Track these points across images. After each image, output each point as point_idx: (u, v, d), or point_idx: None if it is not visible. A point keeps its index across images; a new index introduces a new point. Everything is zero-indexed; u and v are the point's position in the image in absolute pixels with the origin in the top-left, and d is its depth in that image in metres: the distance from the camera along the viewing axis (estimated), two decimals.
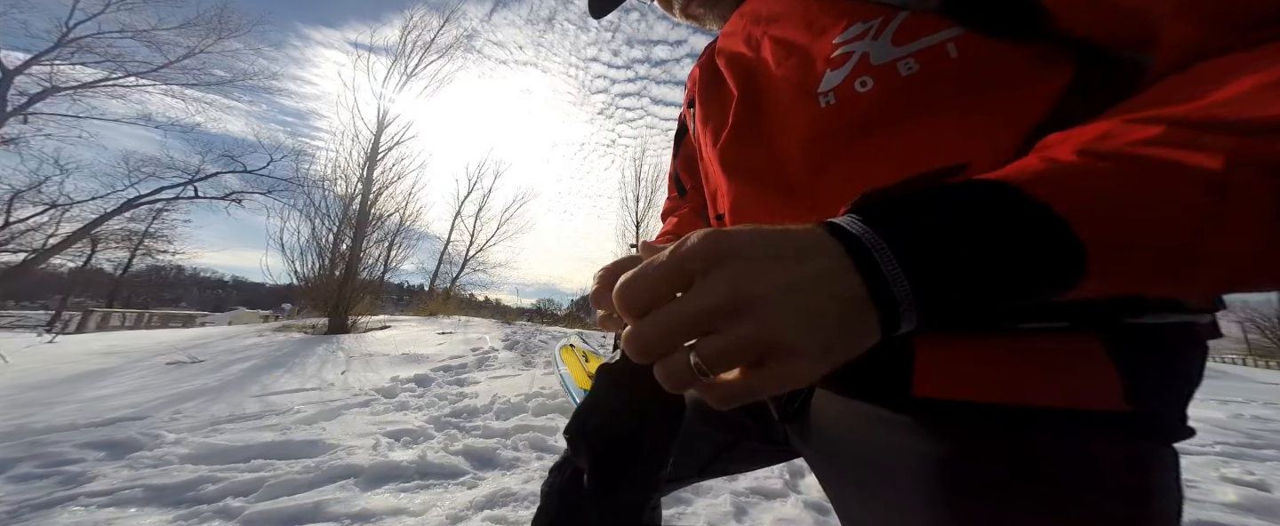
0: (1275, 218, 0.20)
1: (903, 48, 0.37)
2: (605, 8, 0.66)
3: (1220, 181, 0.20)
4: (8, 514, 1.44)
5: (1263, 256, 0.21)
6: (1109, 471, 0.31)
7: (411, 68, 9.92)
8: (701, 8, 0.57)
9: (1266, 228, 0.20)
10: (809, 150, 0.43)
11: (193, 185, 16.85)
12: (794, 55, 0.45)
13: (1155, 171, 0.22)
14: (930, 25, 0.36)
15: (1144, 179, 0.22)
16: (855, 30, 0.40)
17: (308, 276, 7.10)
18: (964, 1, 0.35)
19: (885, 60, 0.37)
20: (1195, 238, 0.21)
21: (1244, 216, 0.20)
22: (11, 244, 14.00)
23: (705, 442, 0.68)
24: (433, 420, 2.53)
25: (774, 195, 0.47)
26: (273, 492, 1.64)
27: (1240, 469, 2.40)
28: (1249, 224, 0.20)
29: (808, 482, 1.98)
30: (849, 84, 0.39)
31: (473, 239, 18.56)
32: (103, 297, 25.52)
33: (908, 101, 0.37)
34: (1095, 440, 0.32)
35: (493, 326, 6.74)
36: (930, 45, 0.36)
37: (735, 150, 0.51)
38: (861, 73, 0.39)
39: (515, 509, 1.65)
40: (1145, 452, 0.32)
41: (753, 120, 0.50)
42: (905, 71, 0.37)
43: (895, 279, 0.22)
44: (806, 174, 0.43)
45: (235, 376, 3.42)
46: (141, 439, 2.03)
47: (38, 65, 13.47)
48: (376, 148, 8.40)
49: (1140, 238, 0.21)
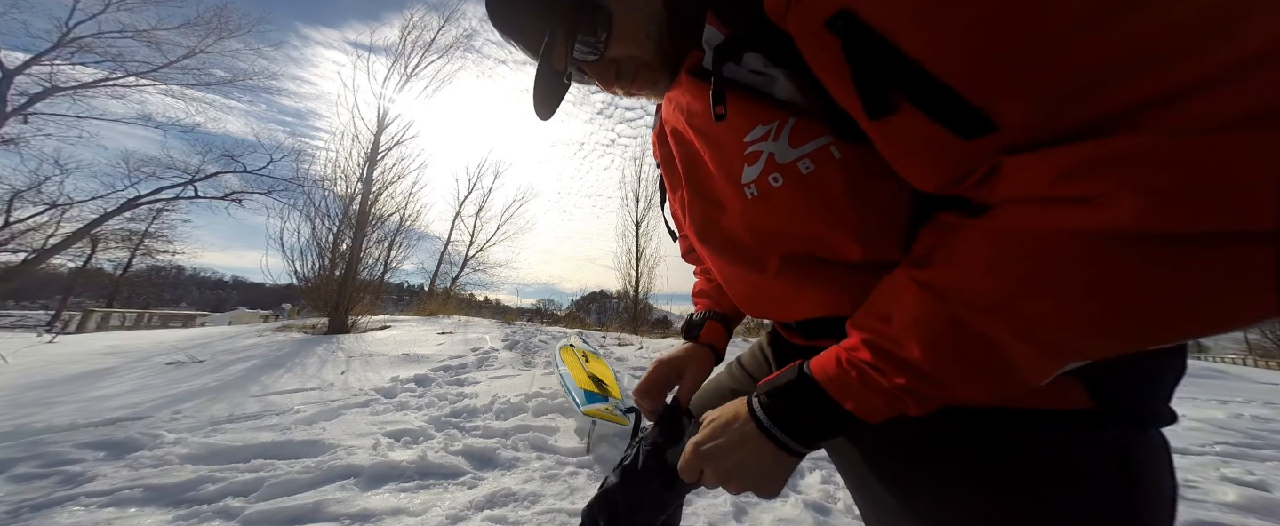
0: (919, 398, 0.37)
1: (799, 149, 0.43)
2: (550, 107, 0.67)
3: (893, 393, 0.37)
4: (8, 514, 1.44)
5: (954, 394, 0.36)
6: (1091, 455, 0.38)
7: (411, 68, 9.89)
8: (644, 89, 0.60)
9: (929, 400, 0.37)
10: (753, 233, 0.51)
11: (193, 185, 16.82)
12: (713, 147, 0.51)
13: (867, 378, 0.39)
14: (815, 130, 0.42)
15: (862, 382, 0.39)
16: (758, 132, 0.45)
17: (308, 276, 7.09)
18: (824, 111, 0.40)
19: (788, 160, 0.43)
20: (902, 404, 0.37)
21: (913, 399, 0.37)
22: (11, 244, 13.98)
23: None
24: (433, 420, 2.53)
25: (748, 270, 0.54)
26: (273, 492, 1.64)
27: (1240, 469, 2.40)
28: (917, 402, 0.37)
29: (807, 483, 1.98)
30: (764, 179, 0.46)
31: (473, 239, 18.54)
32: (103, 297, 25.51)
33: (812, 195, 0.43)
34: (1072, 430, 0.39)
35: (493, 326, 6.73)
36: (819, 147, 0.42)
37: (703, 229, 0.58)
38: (772, 170, 0.45)
39: (515, 509, 1.65)
40: (1123, 441, 0.39)
41: (705, 202, 0.57)
42: (805, 170, 0.43)
43: (785, 440, 0.42)
44: (759, 250, 0.51)
45: (235, 376, 3.42)
46: (141, 439, 2.03)
47: (38, 65, 13.44)
48: (376, 148, 8.39)
49: (874, 408, 0.39)
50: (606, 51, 0.55)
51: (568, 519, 1.60)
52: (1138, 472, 0.38)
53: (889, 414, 0.38)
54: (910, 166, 0.37)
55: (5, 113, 13.11)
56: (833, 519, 1.69)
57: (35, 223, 14.49)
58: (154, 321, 16.62)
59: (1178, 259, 0.26)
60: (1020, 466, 0.40)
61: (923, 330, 0.35)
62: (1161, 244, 0.26)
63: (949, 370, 0.35)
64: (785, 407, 0.43)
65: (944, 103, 0.31)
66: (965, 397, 0.36)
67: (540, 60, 0.56)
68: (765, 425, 0.43)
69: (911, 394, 0.36)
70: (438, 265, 17.24)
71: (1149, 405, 0.40)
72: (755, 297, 0.57)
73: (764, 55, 0.42)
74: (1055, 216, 0.29)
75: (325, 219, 7.46)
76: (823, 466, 2.11)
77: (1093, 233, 0.28)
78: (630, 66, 0.57)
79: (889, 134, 0.36)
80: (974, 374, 0.34)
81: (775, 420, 0.43)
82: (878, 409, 0.38)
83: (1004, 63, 0.29)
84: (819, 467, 2.10)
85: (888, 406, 0.38)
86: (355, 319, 6.58)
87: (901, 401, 0.37)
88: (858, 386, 0.39)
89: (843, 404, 0.39)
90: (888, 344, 0.37)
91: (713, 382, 0.81)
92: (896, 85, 0.33)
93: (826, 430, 0.41)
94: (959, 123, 0.31)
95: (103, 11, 14.20)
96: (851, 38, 0.34)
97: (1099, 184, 0.27)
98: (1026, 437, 0.40)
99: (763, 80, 0.43)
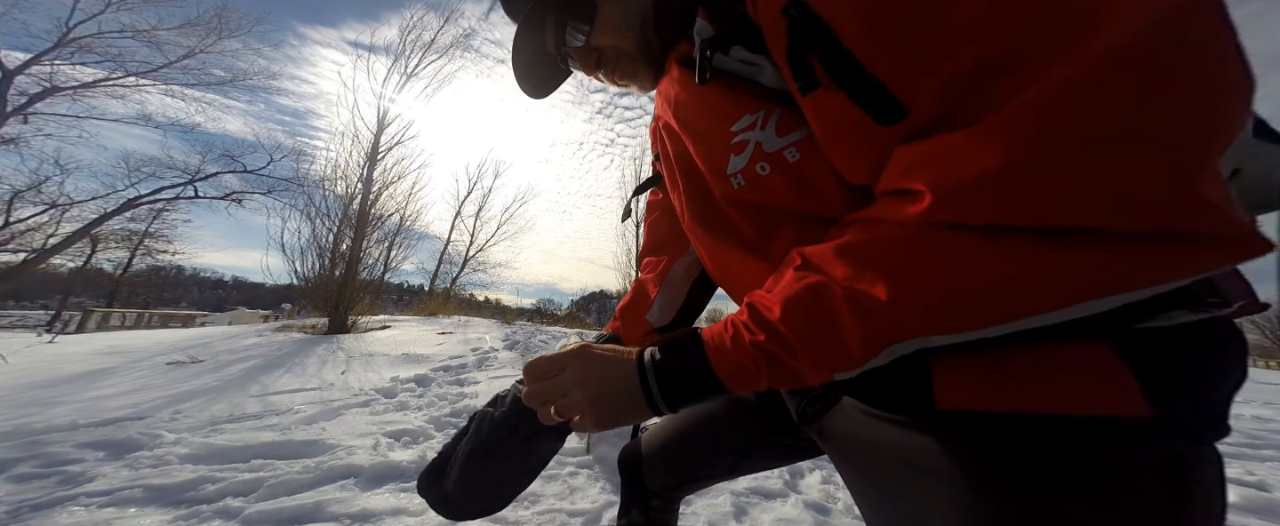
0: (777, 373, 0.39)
1: (785, 138, 0.44)
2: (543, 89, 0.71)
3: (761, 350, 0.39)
4: (8, 514, 1.44)
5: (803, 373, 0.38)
6: (1140, 475, 0.32)
7: (411, 68, 9.89)
8: (624, 79, 0.62)
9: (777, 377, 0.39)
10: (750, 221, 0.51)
11: (193, 185, 16.84)
12: (700, 139, 0.52)
13: (737, 337, 0.41)
14: (800, 120, 0.43)
15: (733, 341, 0.41)
16: (746, 121, 0.46)
17: (308, 276, 7.09)
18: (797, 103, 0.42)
19: (775, 149, 0.45)
20: (756, 369, 0.40)
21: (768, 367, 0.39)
22: (11, 244, 13.99)
23: (736, 440, 0.74)
24: (433, 420, 2.52)
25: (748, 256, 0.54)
26: (273, 492, 1.64)
27: (1240, 469, 2.40)
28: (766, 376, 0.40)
29: (807, 483, 1.98)
30: (751, 168, 0.47)
31: (473, 239, 18.59)
32: (103, 297, 25.50)
33: (798, 182, 0.45)
34: (1123, 444, 0.32)
35: (493, 326, 6.73)
36: (804, 136, 0.43)
37: (701, 217, 0.58)
38: (759, 158, 0.46)
39: (515, 509, 1.65)
40: (1180, 454, 0.32)
41: (698, 193, 0.57)
42: (791, 159, 0.44)
43: (651, 386, 0.44)
44: (759, 238, 0.51)
45: (235, 376, 3.41)
46: (141, 439, 2.03)
47: (38, 65, 13.46)
48: (376, 148, 8.38)
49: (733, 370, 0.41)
50: (590, 39, 0.58)
51: (568, 519, 1.60)
52: (1191, 493, 0.32)
53: (744, 380, 0.40)
54: (839, 153, 0.40)
55: (5, 113, 13.11)
56: (833, 519, 1.69)
57: (35, 223, 14.53)
58: (154, 321, 16.62)
59: (967, 249, 0.30)
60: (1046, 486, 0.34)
61: (786, 291, 0.38)
62: (956, 232, 0.30)
63: (798, 332, 0.37)
64: (668, 361, 0.44)
65: (865, 86, 0.34)
66: (804, 370, 0.37)
67: (526, 31, 0.59)
68: (645, 368, 0.44)
69: (764, 355, 0.38)
70: (438, 265, 17.28)
71: (1215, 413, 0.34)
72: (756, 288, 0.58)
73: (747, 46, 0.44)
74: (892, 206, 0.34)
75: (325, 219, 7.46)
76: (823, 466, 2.11)
77: (908, 221, 0.32)
78: (612, 55, 0.59)
79: (819, 112, 0.38)
80: (815, 340, 0.36)
81: (655, 368, 0.44)
82: (735, 372, 0.40)
83: (916, 49, 0.31)
84: (819, 467, 2.09)
85: (743, 369, 0.40)
86: (355, 319, 6.58)
87: (756, 365, 0.39)
88: (728, 345, 0.41)
89: (710, 359, 0.42)
90: (761, 304, 0.40)
91: None
92: (827, 66, 0.36)
93: (690, 390, 0.43)
94: (877, 107, 0.34)
95: (103, 11, 14.23)
96: (797, 21, 0.36)
97: (916, 178, 0.31)
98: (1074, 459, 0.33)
99: (751, 70, 0.45)
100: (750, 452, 0.73)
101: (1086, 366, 0.34)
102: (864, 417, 0.46)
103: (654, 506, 0.81)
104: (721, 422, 0.75)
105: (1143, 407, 0.32)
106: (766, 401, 0.69)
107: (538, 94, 0.70)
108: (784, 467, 2.01)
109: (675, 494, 0.82)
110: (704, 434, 0.76)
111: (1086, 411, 0.33)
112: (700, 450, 0.77)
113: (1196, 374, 0.34)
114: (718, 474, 0.77)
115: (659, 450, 0.81)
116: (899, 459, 0.42)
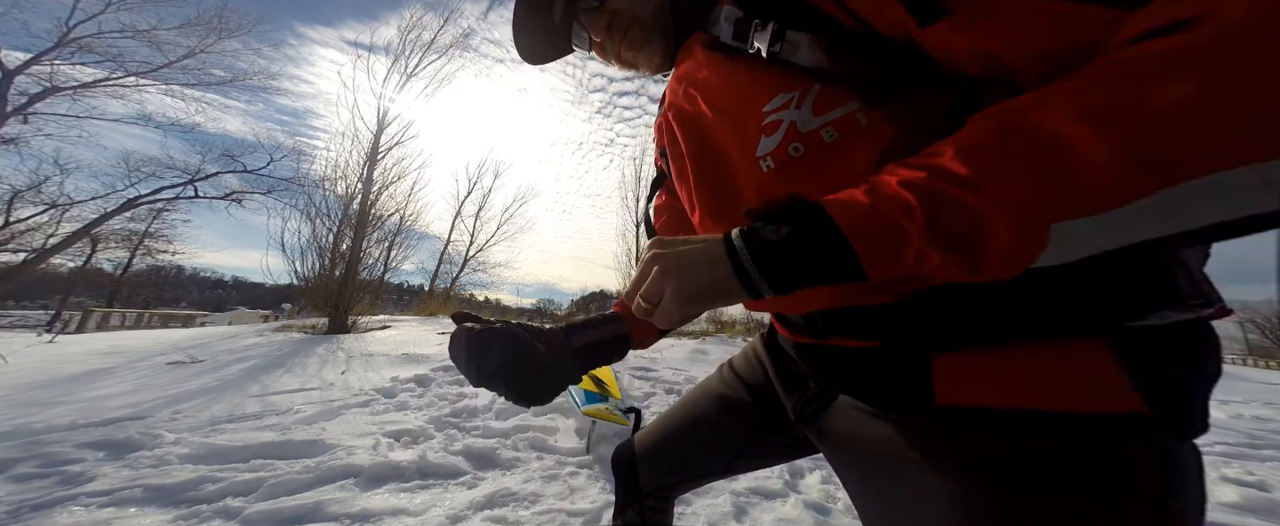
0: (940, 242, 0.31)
1: (822, 117, 0.41)
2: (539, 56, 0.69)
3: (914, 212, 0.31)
4: (8, 514, 1.44)
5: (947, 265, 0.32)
6: (1132, 471, 0.32)
7: (411, 68, 9.90)
8: (631, 52, 0.61)
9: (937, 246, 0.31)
10: None
11: (193, 185, 16.84)
12: (728, 121, 0.49)
13: (877, 190, 0.33)
14: (841, 97, 0.40)
15: (883, 208, 0.32)
16: (779, 100, 0.43)
17: (308, 276, 7.09)
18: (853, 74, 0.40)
19: (810, 128, 0.42)
20: (904, 235, 0.32)
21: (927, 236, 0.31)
22: (11, 244, 13.99)
23: (731, 439, 0.73)
24: (433, 420, 2.52)
25: None
26: (273, 492, 1.64)
27: (1240, 469, 2.40)
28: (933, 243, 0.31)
29: (807, 483, 1.98)
30: (783, 150, 0.43)
31: (473, 239, 18.55)
32: (103, 297, 25.52)
33: (834, 164, 0.41)
34: (1120, 440, 0.33)
35: None
36: (845, 114, 0.40)
37: (716, 208, 0.55)
38: (793, 140, 0.43)
39: (515, 509, 1.65)
40: (1167, 450, 0.33)
41: (716, 180, 0.54)
42: (828, 139, 0.41)
43: (740, 251, 0.36)
44: None
45: (235, 376, 3.41)
46: (141, 439, 2.03)
47: (38, 65, 13.45)
48: (376, 148, 8.39)
49: (871, 234, 0.33)
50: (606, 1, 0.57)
51: (568, 518, 1.60)
52: (1179, 486, 0.33)
53: (883, 239, 0.32)
54: (1022, 28, 0.32)
55: (5, 113, 13.11)
56: (832, 519, 1.69)
57: (35, 223, 14.53)
58: (154, 321, 16.64)
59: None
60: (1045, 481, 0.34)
61: (967, 136, 0.31)
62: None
63: (988, 160, 0.29)
64: (767, 232, 0.36)
65: None
66: (992, 216, 0.29)
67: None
68: (732, 238, 0.37)
69: (924, 196, 0.31)
70: (438, 265, 17.26)
71: (1198, 411, 0.34)
72: None
73: (782, 23, 0.42)
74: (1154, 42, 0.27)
75: (325, 219, 7.47)
76: (823, 466, 2.11)
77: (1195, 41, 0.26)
78: (624, 20, 0.58)
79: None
80: (1025, 169, 0.29)
81: (747, 236, 0.37)
82: (871, 226, 0.32)
83: None
84: (819, 467, 2.09)
85: (885, 221, 0.32)
86: (355, 319, 6.58)
87: (907, 215, 0.31)
88: (860, 196, 0.33)
89: (830, 212, 0.34)
90: (925, 155, 0.33)
91: (701, 387, 0.79)
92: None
93: (803, 253, 0.34)
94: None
95: (103, 11, 14.23)
96: None
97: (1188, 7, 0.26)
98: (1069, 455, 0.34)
99: (786, 49, 0.42)
100: (745, 451, 0.72)
101: (1084, 364, 0.34)
102: (862, 416, 0.46)
103: (649, 506, 0.81)
104: (716, 421, 0.74)
105: (1139, 404, 0.33)
106: (762, 400, 0.68)
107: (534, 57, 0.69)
108: (784, 467, 2.01)
109: (670, 493, 0.82)
110: (698, 433, 0.76)
111: (1085, 409, 0.33)
112: (694, 449, 0.76)
113: (1185, 372, 0.35)
114: (712, 473, 0.77)
115: (653, 449, 0.80)
116: (898, 456, 0.42)
